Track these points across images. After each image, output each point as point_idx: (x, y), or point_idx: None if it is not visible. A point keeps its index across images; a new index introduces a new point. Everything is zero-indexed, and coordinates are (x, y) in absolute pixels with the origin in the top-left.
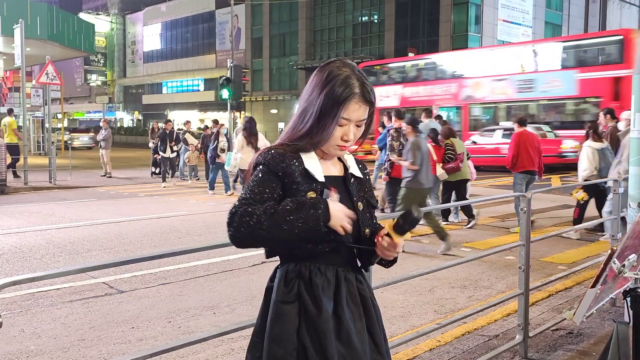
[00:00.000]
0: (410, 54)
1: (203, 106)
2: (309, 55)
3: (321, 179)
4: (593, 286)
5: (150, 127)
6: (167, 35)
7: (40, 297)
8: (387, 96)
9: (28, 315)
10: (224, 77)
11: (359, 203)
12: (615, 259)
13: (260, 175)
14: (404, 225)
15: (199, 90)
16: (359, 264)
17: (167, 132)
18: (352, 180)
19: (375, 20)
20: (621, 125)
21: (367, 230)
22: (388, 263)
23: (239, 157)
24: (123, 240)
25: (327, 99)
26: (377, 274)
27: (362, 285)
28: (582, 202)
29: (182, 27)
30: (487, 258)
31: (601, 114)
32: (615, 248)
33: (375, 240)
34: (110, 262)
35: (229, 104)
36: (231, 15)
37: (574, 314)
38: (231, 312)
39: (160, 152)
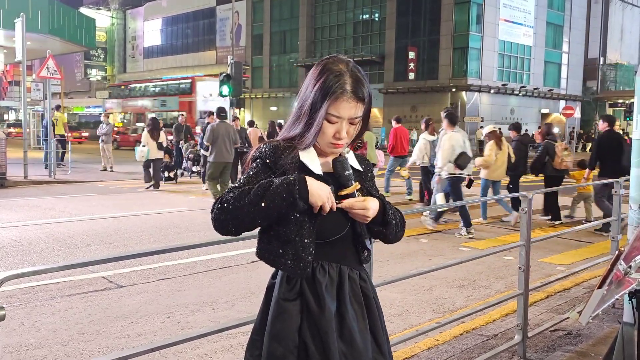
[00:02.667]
0: (411, 53)
1: None
2: (309, 52)
3: (317, 171)
4: (599, 287)
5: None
6: (167, 31)
7: (39, 291)
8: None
9: (28, 309)
10: (224, 74)
11: (359, 195)
12: (621, 261)
13: (253, 166)
14: (337, 175)
15: None
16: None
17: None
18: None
19: (376, 19)
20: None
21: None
22: (384, 227)
23: (145, 150)
24: (122, 235)
25: (317, 94)
26: (377, 272)
27: (366, 283)
28: (406, 179)
29: (183, 23)
30: (486, 258)
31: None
32: (622, 250)
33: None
34: (110, 256)
35: (229, 101)
36: (232, 12)
37: (579, 314)
38: (230, 308)
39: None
